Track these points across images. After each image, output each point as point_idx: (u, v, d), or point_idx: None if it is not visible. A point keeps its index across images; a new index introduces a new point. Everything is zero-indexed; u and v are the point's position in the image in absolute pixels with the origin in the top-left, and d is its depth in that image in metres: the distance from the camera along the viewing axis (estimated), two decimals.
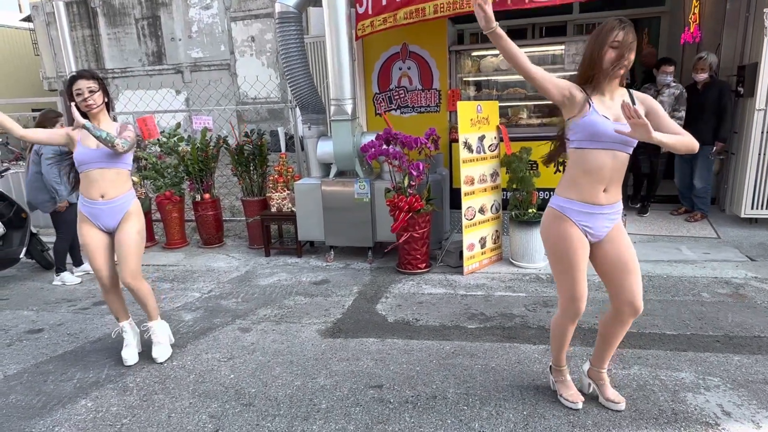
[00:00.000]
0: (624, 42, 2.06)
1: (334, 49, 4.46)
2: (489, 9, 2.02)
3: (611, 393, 2.47)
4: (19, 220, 4.84)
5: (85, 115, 2.91)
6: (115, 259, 3.05)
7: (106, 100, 2.95)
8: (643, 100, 2.19)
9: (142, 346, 3.26)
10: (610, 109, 2.14)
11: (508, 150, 4.59)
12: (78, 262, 4.98)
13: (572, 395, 2.49)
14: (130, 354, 3.15)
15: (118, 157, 2.92)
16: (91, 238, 2.99)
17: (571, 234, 2.23)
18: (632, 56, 2.10)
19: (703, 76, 5.08)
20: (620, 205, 2.27)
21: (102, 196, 2.93)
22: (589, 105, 2.13)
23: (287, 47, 4.78)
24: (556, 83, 2.17)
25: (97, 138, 2.79)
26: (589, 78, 2.15)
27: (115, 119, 3.08)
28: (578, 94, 2.15)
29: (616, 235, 2.25)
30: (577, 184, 2.21)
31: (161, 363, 3.10)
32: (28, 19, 17.75)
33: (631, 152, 2.19)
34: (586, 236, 2.25)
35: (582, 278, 2.27)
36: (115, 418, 2.59)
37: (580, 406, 2.46)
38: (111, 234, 3.04)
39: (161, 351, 3.14)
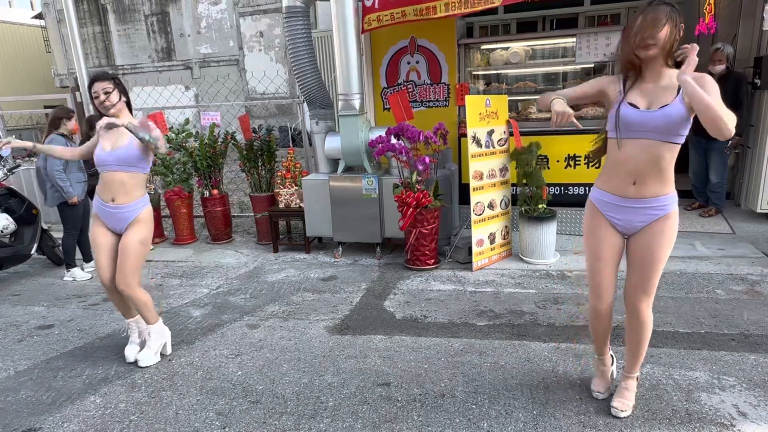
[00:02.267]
0: (641, 24, 1.97)
1: (341, 43, 4.42)
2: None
3: (616, 401, 2.38)
4: (30, 216, 4.87)
5: (103, 117, 2.94)
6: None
7: (124, 99, 2.93)
8: (696, 78, 1.97)
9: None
10: (647, 96, 2.05)
11: (518, 144, 4.53)
12: (88, 258, 5.01)
13: (596, 383, 2.52)
14: (132, 351, 3.15)
15: (132, 160, 2.87)
16: (99, 237, 2.99)
17: (597, 224, 2.24)
18: (655, 33, 1.94)
19: (720, 68, 4.96)
20: (663, 201, 2.10)
21: (112, 200, 2.91)
22: (621, 95, 2.10)
23: (295, 42, 4.74)
24: (591, 83, 2.20)
25: (141, 140, 2.78)
26: (626, 67, 2.10)
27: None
28: (612, 87, 2.15)
29: (651, 234, 2.13)
30: (609, 175, 2.18)
31: (142, 367, 3.04)
32: (39, 16, 17.88)
33: (676, 142, 2.03)
34: (616, 228, 2.21)
35: (602, 271, 2.22)
36: (123, 414, 2.59)
37: (600, 396, 2.47)
38: (120, 236, 3.04)
39: (146, 356, 3.06)
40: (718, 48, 4.98)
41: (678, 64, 2.03)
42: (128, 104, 2.99)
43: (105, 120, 2.88)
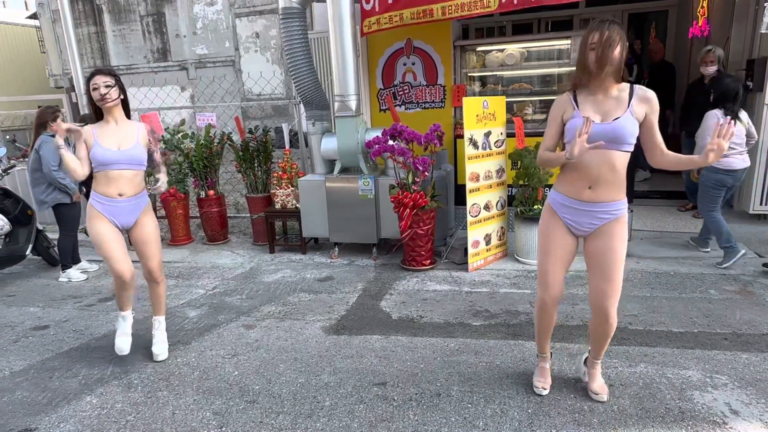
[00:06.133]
0: (598, 42, 2.10)
1: (338, 44, 4.44)
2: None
3: (596, 385, 2.52)
4: (25, 217, 4.86)
5: (99, 110, 2.92)
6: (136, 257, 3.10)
7: (122, 97, 2.95)
8: (645, 99, 2.18)
9: (144, 344, 3.26)
10: (599, 108, 2.20)
11: (520, 144, 4.54)
12: (75, 260, 4.94)
13: (539, 381, 2.59)
14: (125, 343, 3.16)
15: (141, 159, 2.97)
16: (108, 233, 2.94)
17: (552, 224, 2.38)
18: (611, 53, 2.09)
19: (712, 69, 5.01)
20: (615, 206, 2.25)
21: (120, 195, 2.93)
22: (574, 108, 2.24)
23: (291, 43, 4.76)
24: (551, 126, 2.33)
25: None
26: (581, 81, 2.23)
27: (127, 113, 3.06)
28: (567, 111, 2.27)
29: (605, 236, 2.27)
30: (566, 179, 2.32)
31: (160, 361, 3.11)
32: (34, 16, 17.79)
33: (627, 150, 2.19)
34: (571, 230, 2.34)
35: (552, 267, 2.36)
36: (119, 414, 2.60)
37: (543, 393, 2.55)
38: (122, 231, 3.07)
39: (164, 349, 3.16)
40: (709, 50, 5.03)
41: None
42: (125, 103, 2.99)
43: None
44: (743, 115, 4.23)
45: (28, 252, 4.82)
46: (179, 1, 15.52)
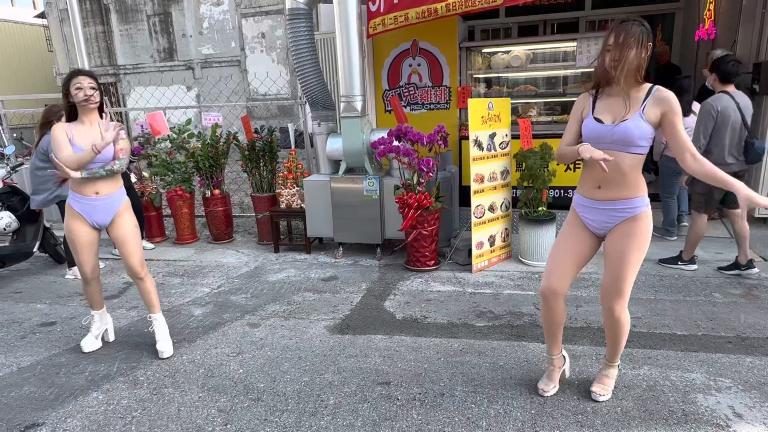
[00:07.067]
0: (614, 44, 2.12)
1: (344, 45, 4.46)
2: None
3: (595, 385, 2.54)
4: (32, 214, 4.89)
5: (75, 109, 2.95)
6: (114, 253, 3.11)
7: (100, 101, 3.00)
8: (661, 101, 2.14)
9: (149, 341, 3.29)
10: (613, 111, 2.21)
11: (525, 145, 4.54)
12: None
13: (542, 382, 2.60)
14: (91, 343, 3.26)
15: (109, 156, 2.97)
16: (80, 233, 3.03)
17: (571, 220, 2.44)
18: (625, 55, 2.08)
19: (705, 71, 5.09)
20: (628, 204, 2.24)
21: (96, 193, 2.98)
22: (591, 109, 2.28)
23: (297, 44, 4.78)
24: (571, 122, 2.38)
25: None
26: (599, 82, 2.26)
27: (101, 116, 3.08)
28: (585, 109, 2.32)
29: (621, 235, 2.28)
30: (582, 179, 2.39)
31: (166, 358, 3.13)
32: (42, 15, 17.92)
33: (637, 152, 2.18)
34: (588, 227, 2.38)
35: (557, 255, 2.42)
36: (125, 410, 2.62)
37: (544, 394, 2.56)
38: (99, 231, 3.12)
39: (167, 347, 3.17)
40: (707, 53, 5.12)
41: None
42: (100, 106, 3.03)
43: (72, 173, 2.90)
44: (696, 108, 4.53)
45: (35, 249, 4.86)
46: (186, 1, 15.61)
